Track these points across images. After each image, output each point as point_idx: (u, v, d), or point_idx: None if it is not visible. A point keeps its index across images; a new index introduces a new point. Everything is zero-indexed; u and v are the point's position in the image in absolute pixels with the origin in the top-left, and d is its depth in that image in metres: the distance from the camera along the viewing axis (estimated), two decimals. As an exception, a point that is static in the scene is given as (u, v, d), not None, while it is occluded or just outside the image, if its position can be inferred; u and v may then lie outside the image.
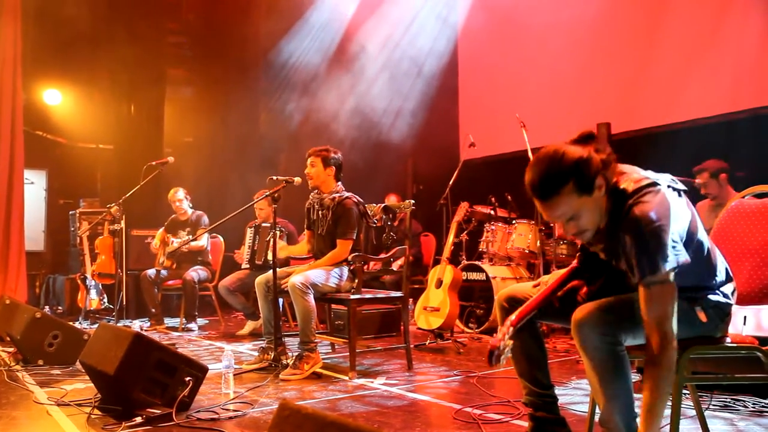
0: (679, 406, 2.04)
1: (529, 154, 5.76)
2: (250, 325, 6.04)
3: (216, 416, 3.01)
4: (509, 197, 6.34)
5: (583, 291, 2.23)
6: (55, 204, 8.97)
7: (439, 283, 5.35)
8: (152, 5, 8.82)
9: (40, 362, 4.23)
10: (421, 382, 3.85)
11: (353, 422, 1.61)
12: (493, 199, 6.19)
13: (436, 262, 5.74)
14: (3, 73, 7.11)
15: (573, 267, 2.24)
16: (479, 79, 8.62)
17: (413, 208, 4.34)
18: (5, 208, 7.08)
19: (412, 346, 4.51)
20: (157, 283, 6.40)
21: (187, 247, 6.39)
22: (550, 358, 2.45)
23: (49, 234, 8.93)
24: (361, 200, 4.39)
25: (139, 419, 2.84)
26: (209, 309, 7.15)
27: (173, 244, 6.31)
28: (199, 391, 3.20)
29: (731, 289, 2.13)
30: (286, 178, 4.29)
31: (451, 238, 5.62)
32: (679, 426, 2.01)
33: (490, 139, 7.46)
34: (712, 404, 3.03)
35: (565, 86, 7.28)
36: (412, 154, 8.83)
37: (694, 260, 2.01)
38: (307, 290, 3.97)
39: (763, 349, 2.08)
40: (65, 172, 9.06)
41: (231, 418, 2.99)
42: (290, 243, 6.13)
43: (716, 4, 6.08)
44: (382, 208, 4.44)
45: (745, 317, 2.64)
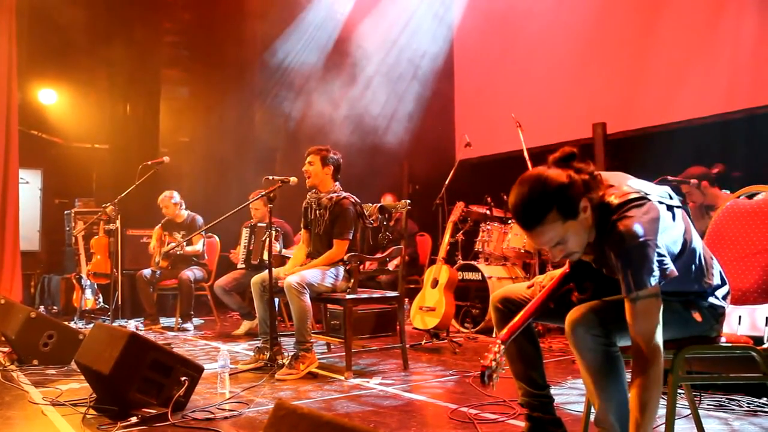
0: (675, 405, 2.04)
1: (525, 154, 5.78)
2: (245, 325, 6.03)
3: (212, 416, 3.01)
4: (505, 197, 6.33)
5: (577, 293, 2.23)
6: (51, 204, 8.95)
7: (435, 283, 5.35)
8: (148, 5, 8.80)
9: (35, 362, 4.22)
10: (416, 381, 3.85)
11: (349, 422, 1.61)
12: (489, 199, 6.20)
13: (432, 262, 5.74)
14: (-2, 73, 7.10)
15: (565, 272, 2.23)
16: (475, 79, 8.63)
17: (409, 208, 4.34)
18: (0, 208, 7.07)
19: (408, 346, 4.51)
20: (152, 283, 6.39)
21: (183, 251, 6.38)
22: (545, 358, 2.46)
23: (44, 234, 8.91)
24: (358, 200, 4.39)
25: (134, 419, 2.83)
26: (205, 309, 7.14)
27: (169, 245, 6.30)
28: (195, 390, 3.19)
29: (725, 292, 2.13)
30: (282, 178, 4.29)
31: (446, 238, 5.62)
32: (674, 425, 2.01)
33: (485, 139, 7.47)
34: (707, 404, 3.04)
35: (560, 86, 7.29)
36: (407, 154, 8.83)
37: (688, 268, 2.01)
38: (303, 290, 3.97)
39: (758, 348, 2.09)
40: (60, 171, 9.04)
41: (227, 418, 2.98)
42: (286, 243, 6.14)
43: (712, 5, 6.09)
44: (378, 208, 4.43)
45: (740, 317, 2.65)
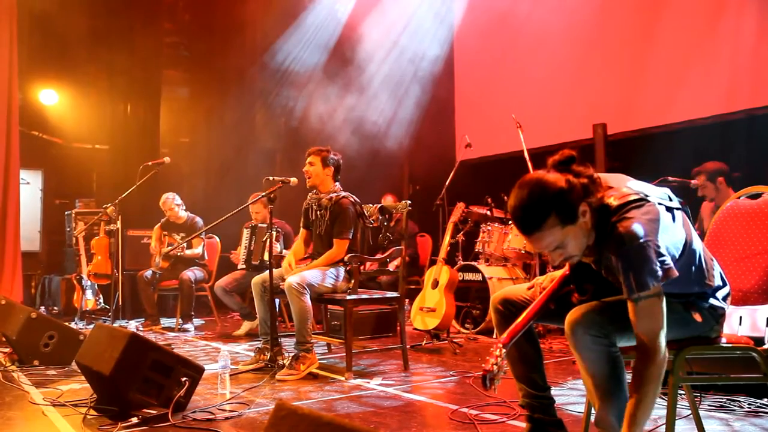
0: (675, 406, 2.04)
1: (526, 155, 5.77)
2: (246, 326, 6.03)
3: (212, 417, 3.01)
4: (505, 198, 6.32)
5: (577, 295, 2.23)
6: (51, 204, 8.95)
7: (436, 284, 5.35)
8: (149, 6, 8.81)
9: (36, 363, 4.23)
10: (417, 382, 3.85)
11: (349, 423, 1.61)
12: (490, 200, 6.19)
13: (433, 263, 5.74)
14: (-1, 73, 7.10)
15: (565, 273, 2.23)
16: (475, 80, 8.63)
17: (409, 209, 4.34)
18: (1, 209, 7.07)
19: (409, 346, 4.51)
20: (153, 283, 6.39)
21: (183, 254, 6.39)
22: (546, 358, 2.46)
23: (45, 234, 8.91)
24: (358, 200, 4.39)
25: (135, 420, 2.84)
26: (205, 309, 7.15)
27: (169, 246, 6.30)
28: (195, 391, 3.20)
29: (725, 293, 2.13)
30: (282, 179, 4.29)
31: (447, 239, 5.62)
32: (674, 426, 2.01)
33: (486, 140, 7.47)
34: (708, 404, 3.04)
35: (561, 87, 7.29)
36: (408, 154, 8.83)
37: (688, 270, 2.01)
38: (304, 290, 3.97)
39: (759, 349, 2.09)
40: (61, 172, 9.05)
41: (227, 419, 2.99)
42: (287, 243, 6.14)
43: (711, 5, 6.09)
44: (378, 208, 4.44)
45: (741, 318, 2.65)
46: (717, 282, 2.11)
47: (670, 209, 2.01)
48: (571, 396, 3.34)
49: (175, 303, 6.86)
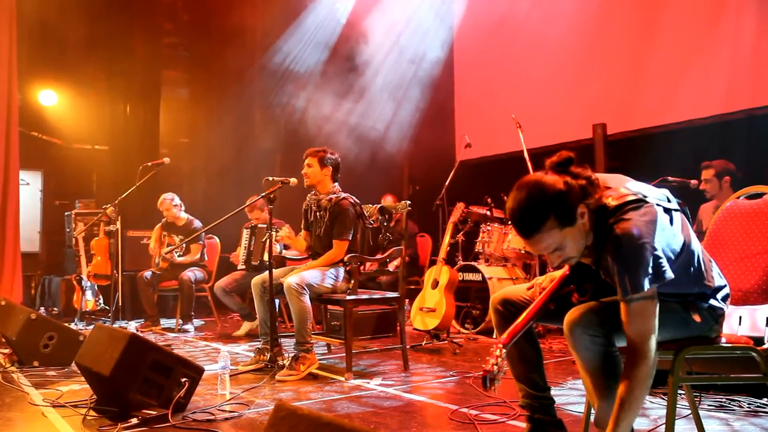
0: (675, 406, 2.04)
1: (525, 155, 5.77)
2: (246, 326, 6.03)
3: (212, 417, 3.01)
4: (505, 198, 6.32)
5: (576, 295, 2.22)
6: (51, 205, 8.94)
7: (435, 284, 5.35)
8: (148, 6, 8.80)
9: (36, 363, 4.22)
10: (417, 382, 3.85)
11: (349, 423, 1.61)
12: (489, 200, 6.20)
13: (432, 263, 5.74)
14: (-2, 74, 7.10)
15: (565, 274, 2.23)
16: (475, 80, 8.63)
17: (409, 209, 4.34)
18: (0, 210, 7.07)
19: (409, 346, 4.51)
20: (153, 284, 6.39)
21: (182, 260, 6.39)
22: (546, 358, 2.46)
23: (45, 235, 8.90)
24: (357, 201, 4.39)
25: (134, 420, 2.84)
26: (205, 310, 7.14)
27: (168, 247, 6.30)
28: (195, 392, 3.20)
29: (724, 294, 2.13)
30: (282, 179, 4.29)
31: (447, 239, 5.62)
32: (674, 426, 2.01)
33: (486, 140, 7.47)
34: (708, 404, 3.04)
35: (560, 87, 7.29)
36: (408, 154, 8.82)
37: (686, 270, 2.01)
38: (303, 291, 3.97)
39: (758, 349, 2.09)
40: (61, 173, 9.04)
41: (227, 419, 2.99)
42: (286, 244, 6.13)
43: (711, 5, 6.09)
44: (378, 208, 4.44)
45: (741, 318, 2.65)
46: (716, 283, 2.10)
47: (668, 210, 2.00)
48: (571, 396, 3.33)
49: (174, 303, 6.86)
